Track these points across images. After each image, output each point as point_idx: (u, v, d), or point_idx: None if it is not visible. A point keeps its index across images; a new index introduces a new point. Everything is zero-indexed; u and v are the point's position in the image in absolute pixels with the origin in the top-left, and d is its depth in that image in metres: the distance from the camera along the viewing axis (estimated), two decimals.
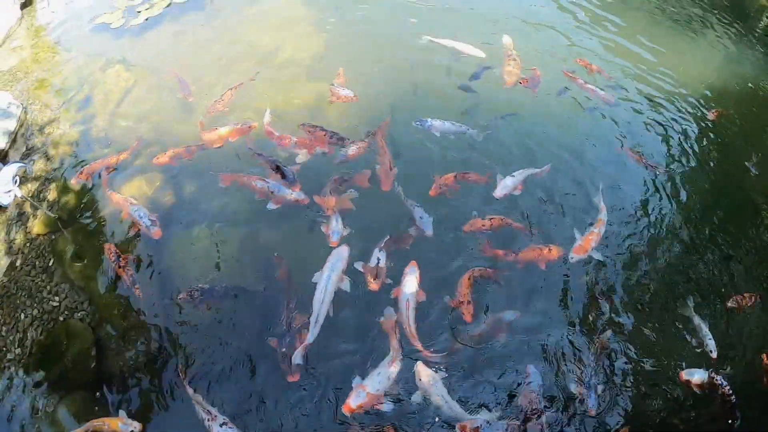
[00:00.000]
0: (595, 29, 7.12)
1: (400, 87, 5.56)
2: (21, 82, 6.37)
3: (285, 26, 6.57)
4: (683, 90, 6.19)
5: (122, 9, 7.36)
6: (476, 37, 6.22)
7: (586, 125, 5.43)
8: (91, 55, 6.47)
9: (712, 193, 4.87)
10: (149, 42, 6.45)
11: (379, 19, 6.69)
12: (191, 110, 5.21)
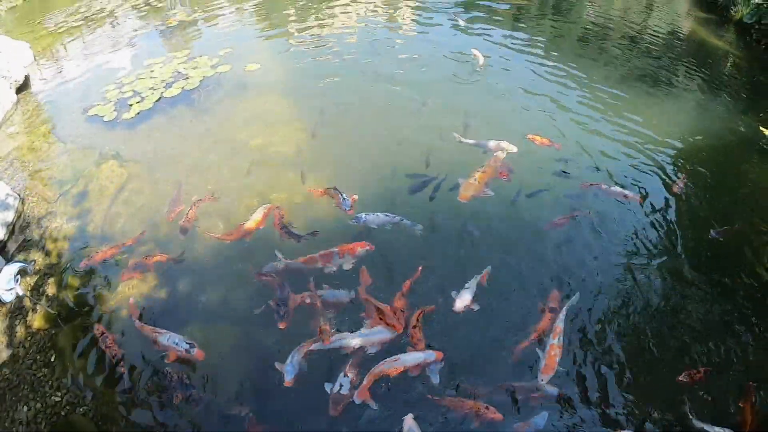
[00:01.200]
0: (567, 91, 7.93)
1: (389, 184, 5.92)
2: (18, 171, 6.76)
3: (270, 123, 7.10)
4: (650, 152, 6.84)
5: (114, 101, 7.90)
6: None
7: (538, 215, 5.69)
8: (85, 147, 6.92)
9: (677, 270, 5.12)
10: (141, 137, 6.92)
11: (365, 116, 7.26)
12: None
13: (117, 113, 7.53)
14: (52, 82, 9.43)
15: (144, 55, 9.60)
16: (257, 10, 12.10)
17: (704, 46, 12.04)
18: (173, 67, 8.67)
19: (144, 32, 10.87)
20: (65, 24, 12.79)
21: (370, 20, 11.12)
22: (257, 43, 9.74)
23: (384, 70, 8.44)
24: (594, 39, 11.42)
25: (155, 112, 7.46)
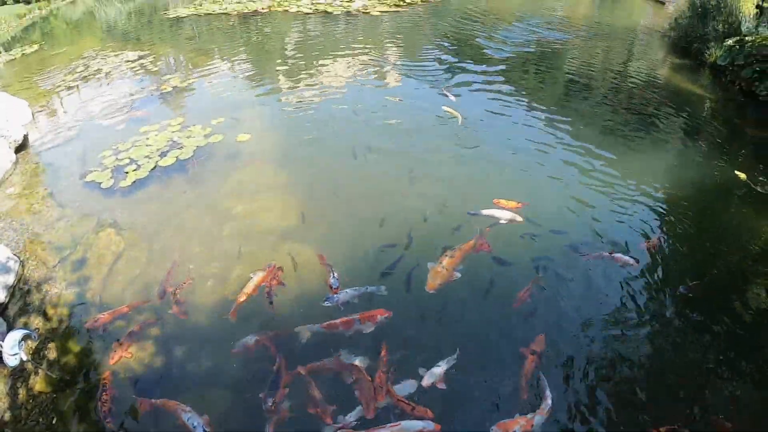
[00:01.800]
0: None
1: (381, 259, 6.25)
2: (18, 234, 7.15)
3: (260, 193, 7.56)
4: (630, 205, 7.41)
5: (110, 168, 8.38)
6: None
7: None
8: (83, 213, 7.34)
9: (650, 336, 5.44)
10: (138, 206, 7.37)
11: (352, 187, 7.73)
12: (175, 282, 6.04)
13: (114, 180, 7.98)
14: (49, 143, 9.89)
15: (139, 120, 10.15)
16: (248, 74, 12.83)
17: (682, 92, 12.98)
18: (168, 135, 9.21)
19: (139, 96, 11.43)
20: (62, 83, 13.33)
21: (358, 84, 11.91)
22: (248, 112, 10.34)
23: (371, 138, 9.10)
24: (576, 90, 12.37)
25: (151, 180, 7.93)
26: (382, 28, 17.60)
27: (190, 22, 19.76)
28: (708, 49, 15.63)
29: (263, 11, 20.47)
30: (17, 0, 31.24)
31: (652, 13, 25.67)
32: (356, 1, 21.70)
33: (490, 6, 23.24)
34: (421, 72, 12.82)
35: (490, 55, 14.33)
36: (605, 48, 16.67)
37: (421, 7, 21.25)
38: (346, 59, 13.77)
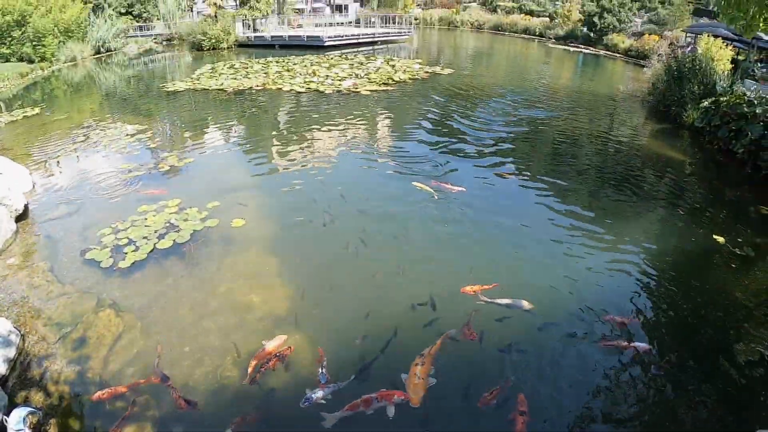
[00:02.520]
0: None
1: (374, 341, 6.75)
2: (18, 307, 7.61)
3: (254, 279, 8.09)
4: (614, 278, 8.13)
5: (110, 247, 8.95)
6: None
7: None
8: (83, 291, 7.84)
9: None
10: (136, 288, 7.89)
11: (345, 276, 8.25)
12: (171, 365, 6.56)
13: (113, 260, 8.54)
14: (49, 215, 10.42)
15: (138, 199, 10.79)
16: (244, 153, 13.69)
17: (663, 155, 14.09)
18: (165, 216, 9.85)
19: (137, 174, 12.08)
20: (63, 152, 13.97)
21: (348, 163, 12.92)
22: (242, 195, 11.02)
23: (361, 223, 9.80)
24: (561, 160, 13.53)
25: (149, 262, 8.51)
26: (371, 107, 18.72)
27: (188, 97, 20.75)
28: (685, 111, 16.70)
29: (258, 89, 21.56)
30: (20, 58, 32.27)
31: (632, 78, 27.48)
32: (347, 80, 23.00)
33: (477, 82, 24.76)
34: (409, 149, 13.87)
35: (477, 129, 15.59)
36: (589, 117, 17.90)
37: (410, 86, 22.62)
38: (336, 137, 14.79)
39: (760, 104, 14.27)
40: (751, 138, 13.39)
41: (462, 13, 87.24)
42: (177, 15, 49.57)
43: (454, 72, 27.40)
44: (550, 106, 19.48)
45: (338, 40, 38.25)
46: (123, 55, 35.73)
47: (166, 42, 42.94)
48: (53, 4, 37.16)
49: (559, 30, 70.34)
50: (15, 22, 34.27)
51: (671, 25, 67.35)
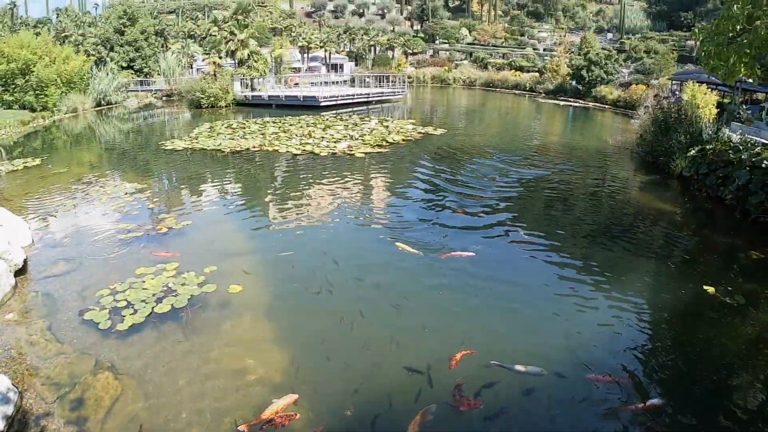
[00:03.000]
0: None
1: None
2: (17, 364, 7.82)
3: (255, 343, 8.35)
4: (605, 336, 8.42)
5: (108, 308, 9.23)
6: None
7: None
8: (81, 352, 8.05)
9: None
10: (134, 351, 8.10)
11: (343, 346, 8.42)
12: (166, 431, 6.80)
13: (111, 322, 8.79)
14: (48, 272, 10.71)
15: (136, 260, 11.13)
16: (240, 214, 14.11)
17: (653, 206, 14.63)
18: (163, 280, 10.17)
19: (135, 235, 12.40)
20: (62, 206, 14.35)
21: (342, 226, 13.32)
22: (239, 260, 11.35)
23: (355, 291, 10.08)
24: (555, 215, 14.10)
25: (147, 326, 8.77)
26: (366, 170, 19.24)
27: (186, 156, 21.33)
28: (673, 161, 17.17)
29: (255, 150, 22.19)
30: (22, 106, 33.02)
31: (621, 129, 28.33)
32: (342, 141, 23.66)
33: (470, 142, 25.52)
34: (402, 213, 14.29)
35: (471, 191, 16.12)
36: (580, 172, 18.47)
37: (404, 147, 23.26)
38: (331, 201, 15.23)
39: (745, 149, 14.67)
40: (739, 184, 13.80)
41: (454, 70, 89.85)
42: (177, 71, 50.95)
43: (447, 132, 28.20)
44: (543, 165, 20.12)
45: (333, 101, 39.35)
46: (123, 109, 36.57)
47: (166, 97, 43.99)
48: (57, 55, 38.26)
49: (549, 84, 72.48)
50: (19, 70, 35.22)
51: (657, 73, 69.79)
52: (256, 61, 46.04)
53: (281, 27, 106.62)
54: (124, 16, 61.48)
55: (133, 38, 56.66)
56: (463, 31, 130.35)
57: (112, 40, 57.40)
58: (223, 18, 56.48)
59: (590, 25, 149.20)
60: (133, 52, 55.57)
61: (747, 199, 13.53)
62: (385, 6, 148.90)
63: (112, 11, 72.37)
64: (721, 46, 13.21)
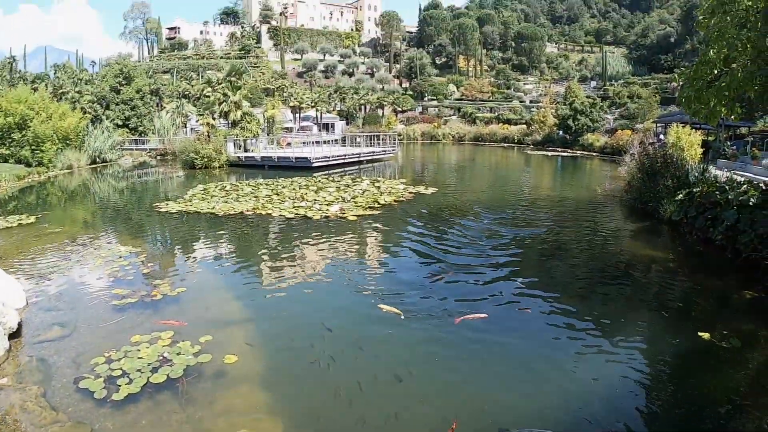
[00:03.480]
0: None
1: None
2: (11, 430, 7.79)
3: (250, 415, 8.31)
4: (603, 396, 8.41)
5: (104, 377, 9.26)
6: None
7: None
8: (77, 421, 8.01)
9: None
10: (129, 420, 8.04)
11: (340, 420, 8.38)
12: None
13: (107, 391, 8.82)
14: (43, 336, 10.73)
15: (132, 327, 11.23)
16: (235, 279, 14.26)
17: (645, 252, 14.87)
18: (159, 349, 10.25)
19: (131, 301, 12.48)
20: (57, 268, 14.46)
21: (335, 290, 13.47)
22: (235, 329, 11.47)
23: (351, 361, 10.07)
24: (548, 268, 14.24)
25: (143, 395, 8.79)
26: (359, 234, 19.40)
27: (180, 219, 21.58)
28: (662, 206, 17.35)
29: (248, 213, 22.50)
30: (18, 160, 33.39)
31: (609, 176, 28.69)
32: (334, 204, 23.96)
33: (461, 201, 25.85)
34: (397, 277, 14.38)
35: (465, 251, 16.22)
36: (572, 225, 18.74)
37: (396, 208, 23.47)
38: (325, 266, 15.36)
39: (731, 189, 14.94)
40: (727, 224, 14.02)
41: (443, 126, 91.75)
42: (171, 131, 51.93)
43: (439, 191, 28.58)
44: (535, 221, 20.34)
45: (325, 161, 40.01)
46: (118, 167, 37.03)
47: (160, 157, 44.62)
48: (54, 111, 38.96)
49: (537, 135, 74.13)
50: (16, 124, 35.80)
51: (642, 117, 71.83)
52: (249, 122, 47.04)
53: (273, 87, 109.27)
54: (120, 74, 62.96)
55: (129, 97, 57.89)
56: (451, 87, 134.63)
57: (108, 98, 58.57)
58: (216, 79, 57.98)
59: (574, 74, 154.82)
60: (129, 111, 56.68)
61: (737, 239, 13.75)
62: (374, 65, 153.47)
63: (108, 69, 74.26)
64: (701, 91, 13.77)
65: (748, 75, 12.52)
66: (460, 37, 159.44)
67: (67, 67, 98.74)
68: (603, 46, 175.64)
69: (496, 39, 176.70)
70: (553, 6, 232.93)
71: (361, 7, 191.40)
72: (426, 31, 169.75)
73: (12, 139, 35.19)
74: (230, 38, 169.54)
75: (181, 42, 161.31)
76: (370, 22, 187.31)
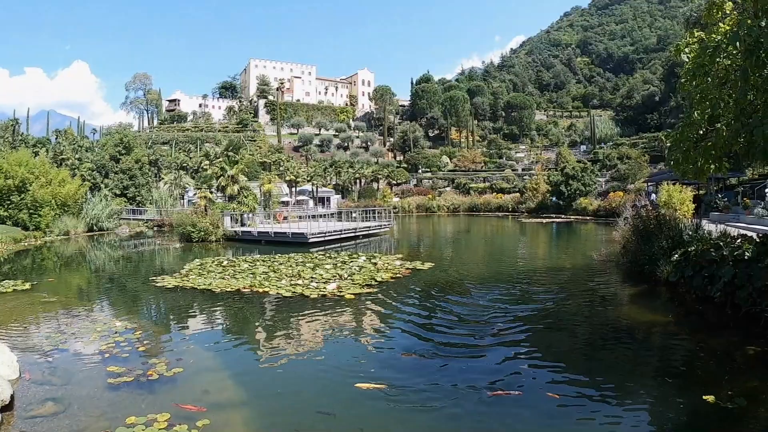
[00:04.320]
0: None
1: None
2: None
3: None
4: None
5: None
6: None
7: None
8: None
9: None
10: None
11: None
12: None
13: None
14: (36, 411, 10.40)
15: (126, 407, 10.96)
16: (231, 361, 13.98)
17: (644, 316, 14.69)
18: (155, 431, 10.05)
19: (125, 380, 12.24)
20: (50, 340, 14.25)
21: (340, 372, 13.03)
22: (233, 412, 11.14)
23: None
24: (549, 341, 13.86)
25: None
26: (357, 312, 18.99)
27: (177, 295, 21.46)
28: (658, 268, 17.14)
29: (245, 291, 22.39)
30: (15, 223, 33.41)
31: (604, 239, 28.39)
32: (331, 282, 23.71)
33: (458, 275, 25.45)
34: (396, 360, 13.91)
35: (465, 329, 15.87)
36: (571, 294, 18.42)
37: (393, 285, 23.10)
38: (324, 347, 14.92)
39: (726, 245, 14.95)
40: (725, 280, 13.99)
41: (437, 198, 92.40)
42: (169, 202, 52.35)
43: (435, 265, 28.26)
44: (534, 293, 19.95)
45: (322, 237, 39.99)
46: (115, 236, 37.04)
47: (157, 228, 44.75)
48: (54, 177, 39.39)
49: (530, 203, 74.61)
50: (16, 187, 36.09)
51: (633, 178, 72.45)
52: (246, 197, 47.56)
53: (270, 161, 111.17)
54: (120, 144, 64.10)
55: (128, 166, 58.70)
56: (444, 159, 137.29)
57: (108, 167, 59.35)
58: (214, 153, 59.07)
59: (563, 140, 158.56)
60: (127, 180, 57.32)
61: (735, 294, 13.76)
62: (369, 139, 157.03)
63: (109, 138, 75.85)
64: (688, 152, 14.06)
65: (733, 133, 12.81)
66: (452, 109, 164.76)
67: (69, 134, 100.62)
68: (590, 110, 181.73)
69: (487, 109, 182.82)
70: (540, 74, 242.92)
71: (354, 82, 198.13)
72: (418, 104, 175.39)
73: (11, 201, 35.41)
74: (228, 111, 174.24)
75: (181, 114, 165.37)
76: (364, 97, 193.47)
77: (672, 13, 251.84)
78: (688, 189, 26.08)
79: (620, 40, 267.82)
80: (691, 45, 15.20)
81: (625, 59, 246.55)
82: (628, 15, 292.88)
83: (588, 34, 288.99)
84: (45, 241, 30.75)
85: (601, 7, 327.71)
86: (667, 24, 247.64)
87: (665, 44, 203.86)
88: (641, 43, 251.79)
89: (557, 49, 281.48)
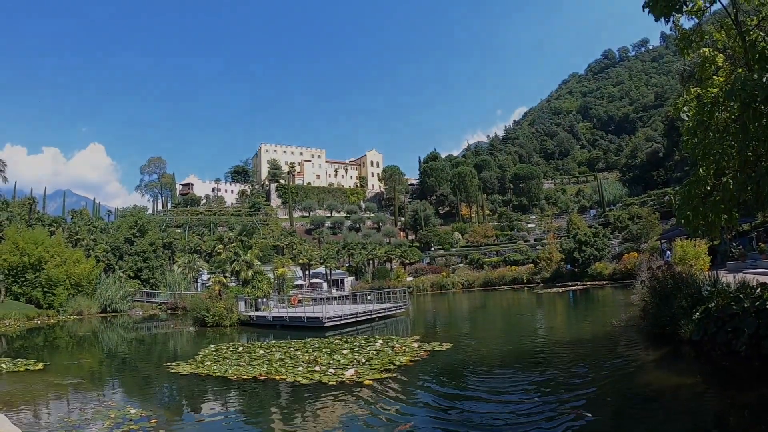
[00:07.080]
0: None
1: None
2: None
3: None
4: None
5: None
6: None
7: None
8: None
9: None
10: None
11: None
12: None
13: None
14: None
15: None
16: None
17: (671, 379, 13.60)
18: None
19: None
20: (62, 424, 13.57)
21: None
22: None
23: None
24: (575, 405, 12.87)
25: None
26: (376, 401, 18.00)
27: (192, 382, 20.64)
28: (680, 327, 16.30)
29: (261, 378, 21.43)
30: (29, 300, 33.06)
31: (623, 303, 26.96)
32: (349, 368, 22.58)
33: (478, 355, 24.17)
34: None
35: (486, 402, 15.09)
36: (595, 366, 17.35)
37: (411, 369, 21.81)
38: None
39: (746, 297, 14.45)
40: (749, 333, 13.49)
41: (451, 275, 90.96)
42: (182, 285, 51.91)
43: (453, 345, 27.06)
44: (556, 365, 19.00)
45: (338, 320, 38.94)
46: (128, 318, 36.53)
47: (171, 311, 44.19)
48: (68, 257, 39.41)
49: (545, 273, 73.15)
50: (31, 265, 36.01)
51: (645, 237, 70.79)
52: (260, 281, 47.18)
53: (282, 245, 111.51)
54: (134, 226, 64.64)
55: (142, 249, 58.80)
56: (456, 236, 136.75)
57: (122, 249, 59.46)
58: (228, 237, 59.18)
59: (573, 206, 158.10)
60: (141, 263, 57.17)
61: (761, 345, 13.38)
62: (380, 219, 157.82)
63: (123, 221, 76.44)
64: (697, 209, 13.87)
65: (740, 185, 12.86)
66: (461, 185, 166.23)
67: (84, 214, 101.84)
68: (597, 174, 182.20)
69: (495, 183, 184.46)
70: (544, 143, 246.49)
71: (363, 163, 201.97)
72: (427, 182, 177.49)
73: (25, 278, 35.34)
74: (240, 195, 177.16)
75: (194, 198, 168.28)
76: (374, 178, 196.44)
77: (667, 69, 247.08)
78: (702, 242, 25.66)
79: (619, 101, 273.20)
80: (689, 103, 15.61)
81: (626, 119, 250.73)
82: (623, 76, 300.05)
83: (587, 99, 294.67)
84: (58, 320, 30.33)
85: (597, 71, 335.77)
86: (662, 80, 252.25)
87: (663, 100, 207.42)
88: (639, 101, 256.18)
89: (559, 116, 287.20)
